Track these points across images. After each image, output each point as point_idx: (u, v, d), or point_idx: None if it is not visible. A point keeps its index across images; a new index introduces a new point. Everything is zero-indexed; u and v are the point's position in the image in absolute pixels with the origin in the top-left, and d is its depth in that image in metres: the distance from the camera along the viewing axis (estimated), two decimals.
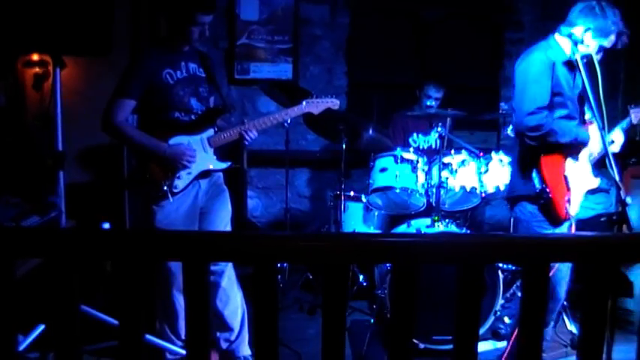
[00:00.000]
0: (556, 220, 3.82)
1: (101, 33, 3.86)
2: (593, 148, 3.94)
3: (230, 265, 4.20)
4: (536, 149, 3.78)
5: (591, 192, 4.00)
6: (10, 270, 2.06)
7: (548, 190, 3.75)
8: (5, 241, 2.05)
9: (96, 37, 3.83)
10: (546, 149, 3.79)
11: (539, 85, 3.75)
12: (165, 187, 3.88)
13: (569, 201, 3.80)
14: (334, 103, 4.29)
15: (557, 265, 3.75)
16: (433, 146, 5.69)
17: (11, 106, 6.17)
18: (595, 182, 3.98)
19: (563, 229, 3.84)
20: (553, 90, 3.76)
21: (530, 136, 3.76)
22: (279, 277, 5.59)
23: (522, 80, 3.82)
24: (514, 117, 3.89)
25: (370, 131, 5.12)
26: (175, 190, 3.92)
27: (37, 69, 6.12)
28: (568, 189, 3.81)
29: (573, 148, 3.88)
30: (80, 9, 3.73)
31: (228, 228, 4.30)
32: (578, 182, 3.90)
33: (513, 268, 5.15)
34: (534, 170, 3.79)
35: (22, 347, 3.69)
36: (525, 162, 3.88)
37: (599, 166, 3.98)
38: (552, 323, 4.30)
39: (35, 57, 6.05)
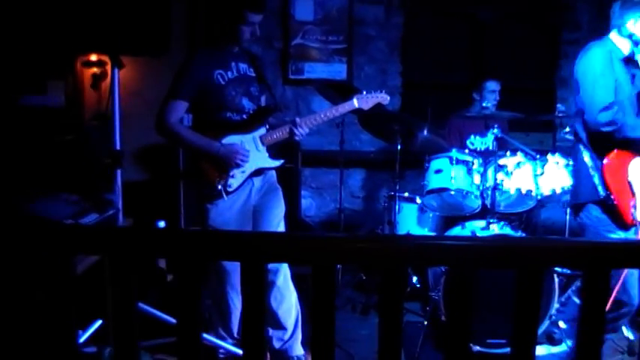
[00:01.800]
0: (623, 225, 3.74)
1: (159, 33, 3.90)
2: None
3: (285, 264, 4.21)
4: (598, 154, 3.71)
5: None
6: (71, 266, 2.09)
7: (612, 197, 3.68)
8: (65, 239, 2.08)
9: (154, 37, 3.87)
10: (613, 147, 3.72)
11: (605, 79, 3.69)
12: (219, 187, 3.93)
13: (634, 206, 3.71)
14: (384, 98, 4.27)
15: (626, 270, 3.68)
16: (490, 148, 5.63)
17: (70, 105, 6.28)
18: None
19: (631, 234, 3.76)
20: None
21: (604, 132, 3.69)
22: None
23: (588, 77, 3.76)
24: (585, 115, 3.81)
25: (425, 132, 5.08)
26: (229, 189, 3.96)
27: (95, 69, 6.23)
28: (633, 194, 3.73)
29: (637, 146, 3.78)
30: (138, 10, 3.76)
31: (282, 226, 4.31)
32: None
33: (569, 272, 5.07)
34: (597, 176, 3.72)
35: (80, 341, 3.74)
36: (587, 168, 3.82)
37: None
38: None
39: (93, 57, 6.15)
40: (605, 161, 3.72)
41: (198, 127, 4.03)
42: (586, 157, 3.88)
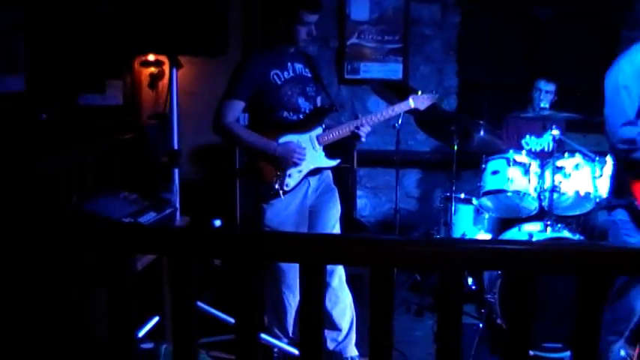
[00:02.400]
0: None
1: (217, 34, 3.92)
2: None
3: (341, 265, 4.22)
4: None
5: None
6: (130, 265, 2.13)
7: (636, 203, 3.59)
8: (125, 238, 2.11)
9: (212, 37, 3.89)
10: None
11: (629, 92, 3.50)
12: (276, 186, 3.95)
13: None
14: (436, 98, 4.27)
15: None
16: (546, 149, 5.55)
17: (128, 104, 6.36)
18: None
19: None
20: None
21: (619, 149, 3.56)
22: None
23: (610, 87, 3.60)
24: (606, 126, 3.65)
25: (482, 132, 5.04)
26: (286, 189, 3.98)
27: (152, 69, 6.30)
28: None
29: None
30: (196, 10, 3.79)
31: (338, 227, 4.32)
32: None
33: None
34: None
35: (138, 336, 3.80)
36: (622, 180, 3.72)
37: None
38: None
39: (151, 57, 6.22)
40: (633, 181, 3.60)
41: (254, 126, 4.07)
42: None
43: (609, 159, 4.75)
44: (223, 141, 4.27)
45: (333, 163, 4.19)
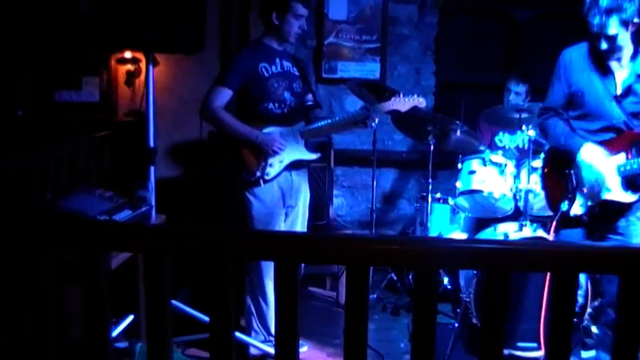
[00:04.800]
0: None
1: (194, 31, 3.93)
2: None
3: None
4: None
5: None
6: (104, 262, 2.11)
7: None
8: (99, 236, 2.10)
9: (188, 35, 3.90)
10: None
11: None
12: (258, 173, 4.08)
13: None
14: (421, 102, 4.29)
15: None
16: (519, 146, 5.57)
17: (104, 101, 6.33)
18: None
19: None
20: None
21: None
22: None
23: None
24: None
25: (458, 132, 5.05)
26: (267, 177, 4.14)
27: (129, 66, 6.26)
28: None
29: None
30: (173, 7, 3.78)
31: (305, 227, 4.48)
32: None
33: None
34: None
35: (112, 335, 3.78)
36: None
37: None
38: None
39: (128, 54, 6.19)
40: None
41: (241, 117, 4.18)
42: None
43: None
44: (202, 136, 4.34)
45: (314, 156, 4.34)
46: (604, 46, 3.55)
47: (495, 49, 6.95)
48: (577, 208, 3.70)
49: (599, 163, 3.64)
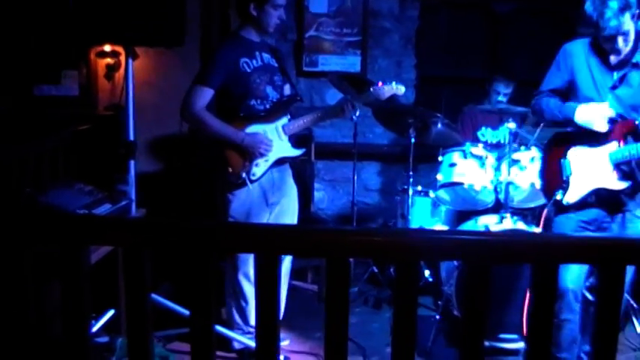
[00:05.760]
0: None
1: (174, 24, 3.90)
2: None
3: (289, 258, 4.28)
4: None
5: None
6: (84, 257, 2.10)
7: None
8: (78, 229, 2.09)
9: (168, 28, 3.87)
10: None
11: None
12: (243, 175, 3.99)
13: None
14: (399, 90, 4.28)
15: None
16: (502, 141, 5.59)
17: (84, 95, 6.29)
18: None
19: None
20: None
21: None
22: None
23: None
24: None
25: (439, 125, 5.06)
26: (253, 178, 4.06)
27: (109, 59, 6.22)
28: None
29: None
30: (153, 1, 3.76)
31: (295, 221, 4.40)
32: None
33: None
34: None
35: (92, 330, 3.76)
36: None
37: None
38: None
39: (107, 48, 6.15)
40: None
41: (221, 115, 4.11)
42: None
43: None
44: (181, 130, 4.29)
45: (298, 152, 4.30)
46: (620, 44, 3.57)
47: (476, 43, 6.97)
48: (571, 197, 3.74)
49: (596, 116, 3.69)
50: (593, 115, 3.66)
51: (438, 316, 4.65)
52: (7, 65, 6.11)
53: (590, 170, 3.72)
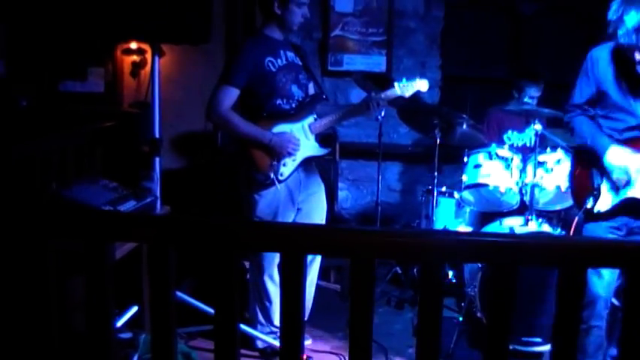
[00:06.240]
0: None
1: (200, 22, 3.89)
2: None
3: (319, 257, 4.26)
4: None
5: None
6: (109, 253, 2.10)
7: None
8: (103, 226, 2.09)
9: (194, 26, 3.87)
10: None
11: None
12: (271, 175, 3.95)
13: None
14: (422, 85, 4.25)
15: None
16: (527, 144, 5.55)
17: (109, 92, 6.32)
18: None
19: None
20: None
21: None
22: None
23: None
24: None
25: (464, 126, 5.03)
26: (281, 178, 4.02)
27: (134, 57, 6.25)
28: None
29: None
30: None
31: (323, 219, 4.41)
32: None
33: None
34: None
35: (116, 326, 3.78)
36: None
37: None
38: None
39: (133, 45, 6.17)
40: None
41: (246, 114, 4.07)
42: None
43: None
44: (206, 127, 4.27)
45: (325, 151, 4.27)
46: (638, 57, 3.53)
47: (501, 43, 6.93)
48: (601, 205, 3.69)
49: (626, 164, 3.62)
50: (625, 163, 3.59)
51: (460, 318, 4.63)
52: (34, 61, 6.15)
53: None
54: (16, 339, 2.26)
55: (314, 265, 4.30)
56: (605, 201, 3.68)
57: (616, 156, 3.60)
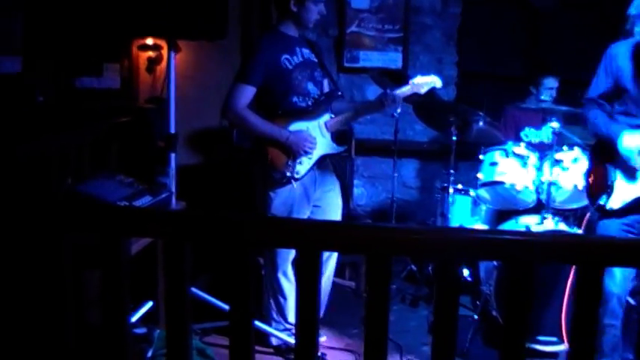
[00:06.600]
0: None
1: (216, 18, 3.88)
2: None
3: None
4: None
5: None
6: (124, 248, 2.10)
7: None
8: (119, 221, 2.09)
9: (211, 22, 3.86)
10: None
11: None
12: (287, 173, 3.95)
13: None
14: (436, 82, 4.23)
15: None
16: (545, 141, 5.52)
17: (125, 88, 6.33)
18: None
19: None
20: None
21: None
22: None
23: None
24: None
25: (480, 123, 5.01)
26: (297, 176, 4.02)
27: (150, 53, 6.26)
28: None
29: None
30: None
31: (339, 216, 4.40)
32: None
33: None
34: None
35: (131, 321, 3.78)
36: None
37: None
38: None
39: (149, 41, 6.18)
40: None
41: (261, 112, 4.06)
42: None
43: None
44: (222, 123, 4.26)
45: (341, 149, 4.25)
46: None
47: (518, 40, 6.89)
48: (614, 203, 3.67)
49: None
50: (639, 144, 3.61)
51: (475, 316, 4.61)
52: (50, 57, 6.17)
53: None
54: (32, 333, 2.26)
55: (331, 261, 4.29)
56: (618, 198, 3.67)
57: (631, 140, 3.60)
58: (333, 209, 4.30)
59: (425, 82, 4.19)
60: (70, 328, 2.16)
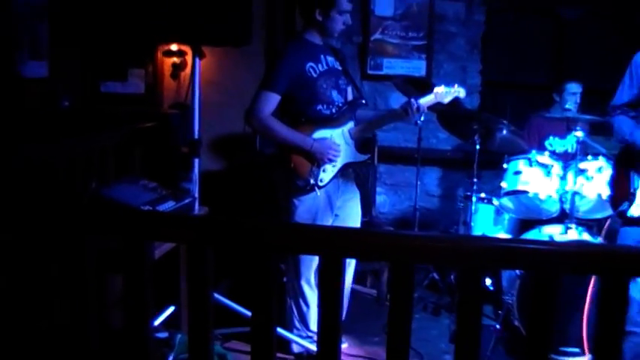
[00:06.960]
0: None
1: (241, 24, 3.90)
2: None
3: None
4: None
5: None
6: (147, 252, 2.11)
7: None
8: (142, 225, 2.10)
9: (235, 28, 3.87)
10: None
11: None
12: (312, 181, 3.94)
13: None
14: (460, 92, 4.21)
15: None
16: (569, 150, 5.48)
17: (149, 93, 6.38)
18: None
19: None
20: None
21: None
22: None
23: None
24: None
25: (504, 132, 4.99)
26: (321, 183, 4.00)
27: (175, 58, 6.31)
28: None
29: None
30: (220, 0, 3.78)
31: (358, 224, 4.38)
32: None
33: None
34: None
35: (153, 325, 3.80)
36: None
37: None
38: None
39: (174, 47, 6.23)
40: None
41: (285, 120, 4.05)
42: None
43: None
44: (245, 129, 4.26)
45: (364, 157, 4.25)
46: None
47: (543, 49, 6.86)
48: (635, 210, 3.65)
49: None
50: None
51: (497, 326, 4.58)
52: (76, 62, 6.23)
53: None
54: (55, 334, 2.28)
55: (349, 269, 4.29)
56: None
57: None
58: (352, 218, 4.29)
59: (449, 91, 4.17)
60: (92, 331, 2.17)
